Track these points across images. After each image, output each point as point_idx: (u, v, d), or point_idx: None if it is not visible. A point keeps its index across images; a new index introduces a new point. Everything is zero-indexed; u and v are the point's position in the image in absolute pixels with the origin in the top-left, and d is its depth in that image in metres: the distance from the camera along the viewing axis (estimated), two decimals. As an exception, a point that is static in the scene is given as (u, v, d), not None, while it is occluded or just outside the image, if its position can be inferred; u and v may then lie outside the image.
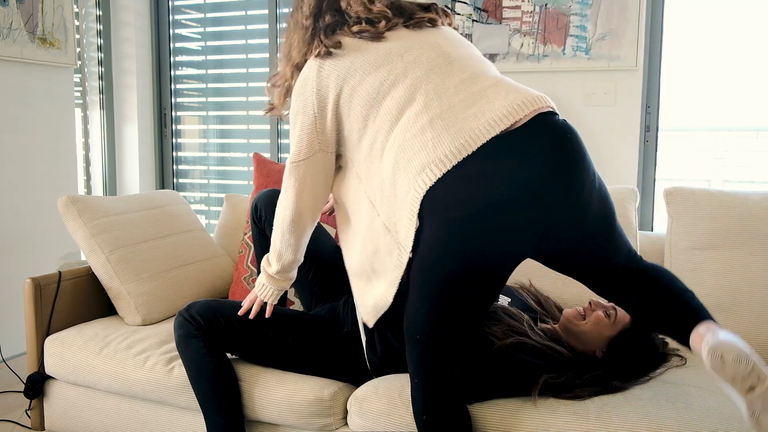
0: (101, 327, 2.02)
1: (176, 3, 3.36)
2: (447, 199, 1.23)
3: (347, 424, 1.63)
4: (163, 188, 3.49)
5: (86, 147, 3.29)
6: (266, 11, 3.15)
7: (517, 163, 1.21)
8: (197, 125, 3.45)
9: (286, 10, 3.11)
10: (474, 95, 1.29)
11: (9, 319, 2.68)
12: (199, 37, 3.35)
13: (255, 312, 1.64)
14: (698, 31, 2.67)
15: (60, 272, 2.05)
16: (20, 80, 2.70)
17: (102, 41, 3.26)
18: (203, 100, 3.39)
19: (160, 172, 3.48)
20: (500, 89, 1.29)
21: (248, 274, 2.21)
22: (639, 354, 1.54)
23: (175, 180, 3.51)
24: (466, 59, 1.37)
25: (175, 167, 3.50)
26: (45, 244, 2.83)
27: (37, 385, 2.01)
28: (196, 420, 1.80)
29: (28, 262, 2.76)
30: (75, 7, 2.97)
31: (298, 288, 1.91)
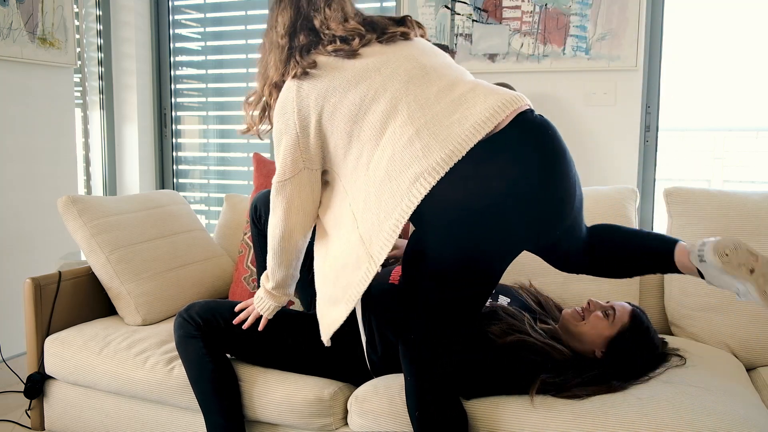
0: (101, 327, 2.02)
1: (176, 3, 3.36)
2: (444, 204, 1.26)
3: (347, 424, 1.63)
4: (163, 188, 3.49)
5: (86, 147, 3.29)
6: (266, 11, 3.15)
7: (507, 162, 1.26)
8: (197, 125, 3.46)
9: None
10: (454, 102, 1.32)
11: (9, 319, 2.68)
12: (199, 37, 3.35)
13: (249, 324, 1.65)
14: (698, 31, 2.67)
15: (60, 272, 2.05)
16: (20, 80, 2.70)
17: (102, 41, 3.26)
18: (203, 100, 3.39)
19: (160, 172, 3.48)
20: (479, 93, 1.33)
21: (248, 274, 2.21)
22: (638, 354, 1.54)
23: (175, 180, 3.51)
24: (441, 68, 1.40)
25: (175, 167, 3.50)
26: (45, 244, 2.83)
27: (37, 385, 2.01)
28: (196, 420, 1.80)
29: (28, 262, 2.77)
30: (75, 7, 2.97)
31: (298, 287, 1.91)
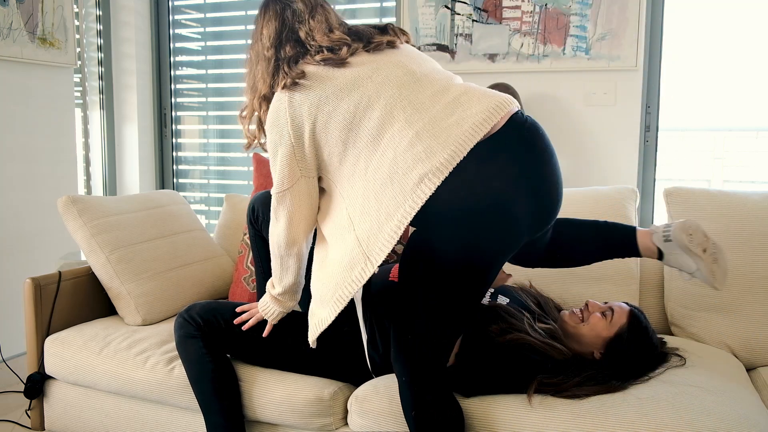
0: (101, 327, 2.02)
1: (176, 3, 3.36)
2: (448, 204, 1.28)
3: (347, 424, 1.63)
4: (163, 188, 3.49)
5: (86, 147, 3.29)
6: (266, 11, 3.15)
7: (507, 162, 1.31)
8: (197, 125, 3.46)
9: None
10: (450, 105, 1.36)
11: (9, 319, 2.68)
12: (199, 37, 3.35)
13: (250, 325, 1.66)
14: (698, 31, 2.67)
15: (60, 272, 2.05)
16: (20, 80, 2.70)
17: (102, 41, 3.26)
18: (203, 100, 3.39)
19: (160, 172, 3.48)
20: (472, 96, 1.37)
21: (248, 275, 2.21)
22: (636, 355, 1.54)
23: (175, 180, 3.51)
24: (431, 73, 1.43)
25: (175, 167, 3.50)
26: (45, 244, 2.83)
27: (37, 385, 2.01)
28: (196, 420, 1.80)
29: (28, 262, 2.77)
30: (75, 7, 2.97)
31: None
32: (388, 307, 1.61)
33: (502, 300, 1.76)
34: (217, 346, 1.68)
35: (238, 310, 1.70)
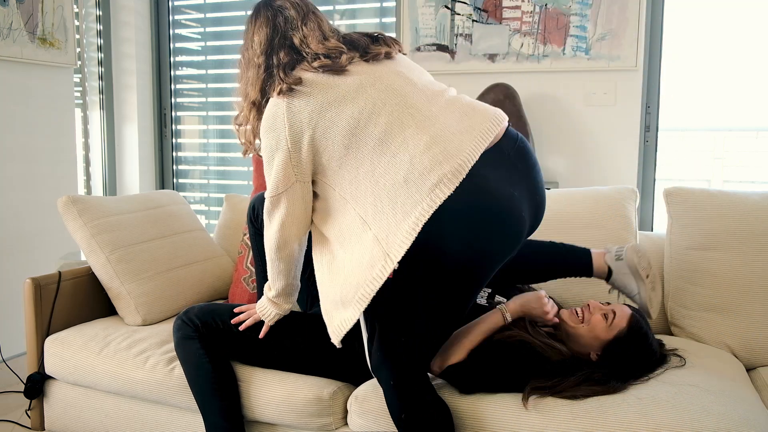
0: (101, 327, 2.02)
1: (176, 3, 3.36)
2: (460, 206, 1.32)
3: (347, 424, 1.63)
4: (163, 188, 3.49)
5: (86, 147, 3.29)
6: (266, 11, 3.15)
7: (509, 170, 1.41)
8: (197, 125, 3.46)
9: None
10: (457, 114, 1.43)
11: (9, 319, 2.68)
12: (199, 37, 3.35)
13: (247, 325, 1.67)
14: (698, 31, 2.67)
15: (60, 272, 2.05)
16: (20, 80, 2.70)
17: (102, 41, 3.26)
18: (203, 100, 3.39)
19: (160, 172, 3.49)
20: (474, 108, 1.46)
21: (248, 275, 2.21)
22: (633, 359, 1.53)
23: (175, 180, 3.51)
24: (430, 84, 1.49)
25: (175, 167, 3.50)
26: (45, 244, 2.83)
27: (37, 385, 2.01)
28: (196, 420, 1.80)
29: (28, 262, 2.77)
30: (75, 7, 2.97)
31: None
32: (388, 307, 1.61)
33: (500, 299, 1.76)
34: (216, 347, 1.68)
35: (236, 310, 1.70)
